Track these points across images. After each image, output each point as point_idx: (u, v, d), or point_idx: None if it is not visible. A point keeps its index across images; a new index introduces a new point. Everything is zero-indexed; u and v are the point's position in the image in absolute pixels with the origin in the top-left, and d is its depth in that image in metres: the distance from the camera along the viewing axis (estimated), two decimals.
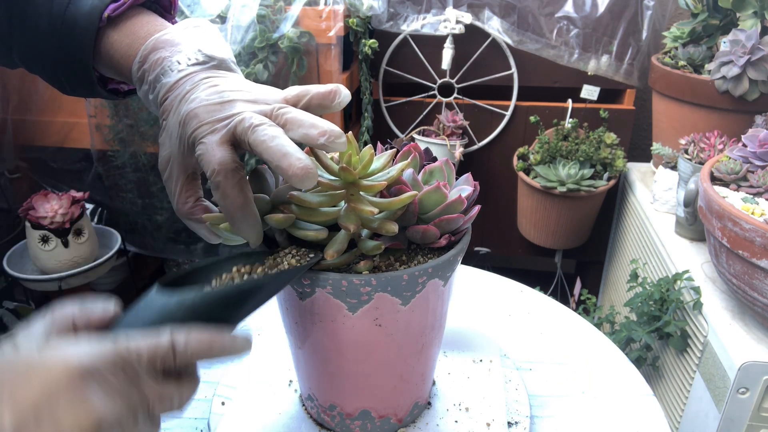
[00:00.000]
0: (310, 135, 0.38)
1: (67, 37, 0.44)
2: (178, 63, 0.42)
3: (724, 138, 1.05)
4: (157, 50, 0.43)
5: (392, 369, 0.50)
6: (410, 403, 0.54)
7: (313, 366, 0.52)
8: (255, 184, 0.45)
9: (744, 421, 0.84)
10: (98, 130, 1.38)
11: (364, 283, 0.43)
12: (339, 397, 0.52)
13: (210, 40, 0.44)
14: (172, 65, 0.42)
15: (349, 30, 1.32)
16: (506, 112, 1.46)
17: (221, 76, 0.42)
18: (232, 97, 0.40)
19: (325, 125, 0.38)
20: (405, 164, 0.44)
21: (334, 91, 0.41)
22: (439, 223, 0.45)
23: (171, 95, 0.41)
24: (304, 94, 0.41)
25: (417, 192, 0.45)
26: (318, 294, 0.44)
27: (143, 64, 0.43)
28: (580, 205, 1.38)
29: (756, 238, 0.73)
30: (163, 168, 0.42)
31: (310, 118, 0.39)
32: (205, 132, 0.38)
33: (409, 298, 0.45)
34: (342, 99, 0.42)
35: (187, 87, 0.41)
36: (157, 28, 0.45)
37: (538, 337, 0.71)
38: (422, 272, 0.44)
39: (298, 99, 0.41)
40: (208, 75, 0.42)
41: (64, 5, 0.44)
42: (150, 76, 0.43)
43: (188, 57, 0.42)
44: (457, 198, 0.46)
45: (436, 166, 0.48)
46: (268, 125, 0.38)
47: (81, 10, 0.44)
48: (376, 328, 0.46)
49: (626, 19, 1.34)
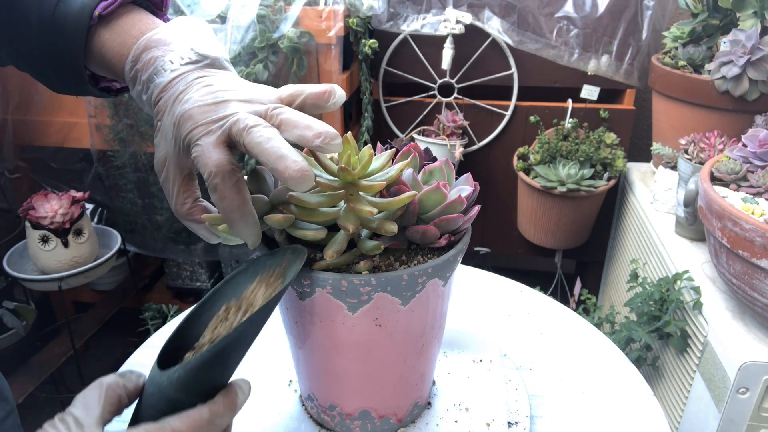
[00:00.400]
0: (305, 136, 0.38)
1: (57, 35, 0.44)
2: (171, 62, 0.41)
3: (724, 138, 1.05)
4: (149, 49, 0.42)
5: (392, 369, 0.50)
6: (410, 403, 0.54)
7: (313, 366, 0.52)
8: (253, 185, 0.45)
9: (744, 421, 0.84)
10: (98, 130, 1.38)
11: (364, 283, 0.43)
12: (339, 397, 0.52)
13: (202, 38, 0.44)
14: (164, 65, 0.41)
15: (349, 30, 1.32)
16: (506, 112, 1.46)
17: (214, 75, 0.42)
18: (226, 97, 0.39)
19: (321, 127, 0.38)
20: (404, 164, 0.44)
21: (329, 92, 0.41)
22: (438, 223, 0.45)
23: (164, 95, 0.41)
24: (299, 93, 0.41)
25: (416, 192, 0.45)
26: (318, 294, 0.44)
27: (135, 63, 0.42)
28: (580, 205, 1.38)
29: (756, 238, 0.73)
30: (160, 169, 0.42)
31: (305, 119, 0.38)
32: (201, 134, 0.38)
33: (409, 298, 0.45)
34: (337, 99, 0.41)
35: (180, 87, 0.40)
36: (149, 27, 0.44)
37: (538, 337, 0.71)
38: (422, 272, 0.44)
39: (292, 98, 0.41)
40: (202, 74, 0.41)
41: (54, 3, 0.43)
42: (143, 76, 0.42)
43: (181, 56, 0.42)
44: (457, 198, 0.45)
45: (436, 166, 0.48)
46: (263, 126, 0.38)
47: (71, 8, 0.43)
48: (376, 328, 0.46)
49: (626, 19, 1.34)
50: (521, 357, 0.67)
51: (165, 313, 1.47)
